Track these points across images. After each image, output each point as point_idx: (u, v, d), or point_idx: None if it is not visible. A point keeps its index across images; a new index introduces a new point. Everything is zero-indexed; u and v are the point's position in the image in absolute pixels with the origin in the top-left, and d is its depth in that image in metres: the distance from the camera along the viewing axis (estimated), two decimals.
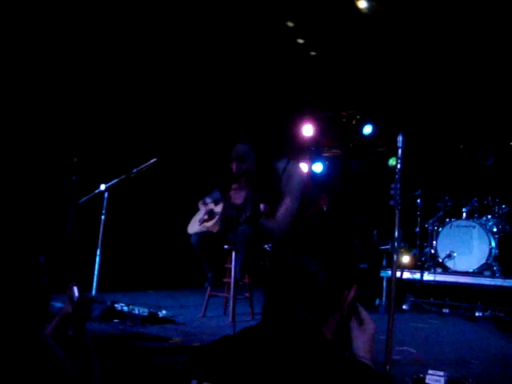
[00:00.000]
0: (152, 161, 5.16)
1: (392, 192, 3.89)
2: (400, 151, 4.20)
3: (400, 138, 4.20)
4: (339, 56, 7.25)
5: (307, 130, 8.39)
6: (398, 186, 4.01)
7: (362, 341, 1.32)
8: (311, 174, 8.45)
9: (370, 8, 5.96)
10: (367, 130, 8.04)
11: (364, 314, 1.35)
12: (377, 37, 6.50)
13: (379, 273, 6.38)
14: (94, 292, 4.82)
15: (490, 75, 6.68)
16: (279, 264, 1.18)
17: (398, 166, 4.14)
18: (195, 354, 1.17)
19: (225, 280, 5.54)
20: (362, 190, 7.98)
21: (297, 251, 1.17)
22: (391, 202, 3.97)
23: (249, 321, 4.88)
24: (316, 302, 1.15)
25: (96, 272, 4.87)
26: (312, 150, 8.61)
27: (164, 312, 4.86)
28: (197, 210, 5.66)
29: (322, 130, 8.51)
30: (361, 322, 1.34)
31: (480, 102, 7.10)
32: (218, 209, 5.53)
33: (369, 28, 6.35)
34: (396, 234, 4.04)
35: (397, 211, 3.92)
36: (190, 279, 6.59)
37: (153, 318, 4.53)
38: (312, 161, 8.53)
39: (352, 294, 1.23)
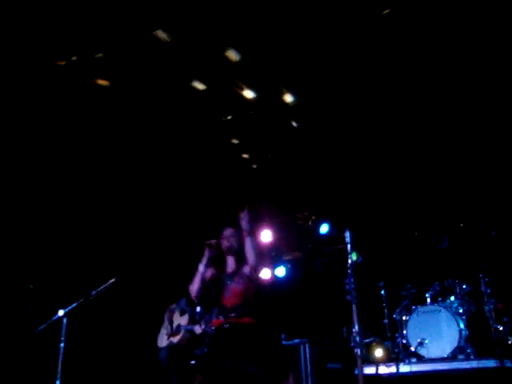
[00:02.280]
0: (110, 281, 5.08)
1: (347, 287, 3.97)
2: (349, 247, 4.34)
3: (347, 234, 4.37)
4: (287, 161, 7.57)
5: (266, 235, 8.48)
6: (352, 280, 4.09)
7: None
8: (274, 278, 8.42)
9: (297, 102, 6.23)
10: (324, 229, 8.19)
11: None
12: (316, 137, 6.86)
13: (354, 370, 6.20)
14: None
15: (431, 161, 7.06)
16: (219, 370, 1.21)
17: (349, 261, 4.26)
18: None
19: None
20: (326, 289, 7.98)
21: (234, 357, 1.21)
22: (347, 297, 4.03)
23: None
24: None
25: None
26: (273, 255, 8.65)
27: None
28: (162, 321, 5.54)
29: (280, 234, 8.62)
30: None
31: (429, 188, 7.43)
32: (184, 321, 5.44)
33: (308, 129, 6.71)
34: (356, 327, 4.05)
35: (354, 305, 3.97)
36: None
37: None
38: (274, 266, 8.54)
39: (291, 382, 1.26)
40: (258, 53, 5.29)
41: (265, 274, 8.04)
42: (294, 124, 6.45)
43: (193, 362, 5.25)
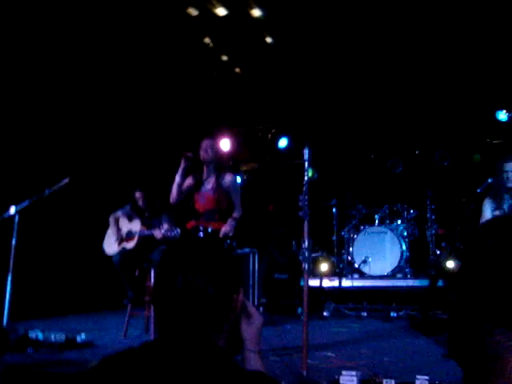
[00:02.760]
0: (63, 181, 5.01)
1: (300, 203, 4.04)
2: (306, 164, 4.37)
3: (306, 151, 4.38)
4: (253, 72, 7.41)
5: (225, 144, 8.46)
6: (306, 197, 4.16)
7: (249, 334, 1.39)
8: None
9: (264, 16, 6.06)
10: (282, 143, 8.22)
11: (251, 308, 1.42)
12: (285, 52, 6.71)
13: (299, 282, 6.52)
14: (5, 321, 4.59)
15: (396, 86, 7.06)
16: (168, 282, 1.22)
17: (305, 178, 4.31)
18: (95, 370, 1.18)
19: (145, 298, 5.48)
20: (280, 202, 8.15)
21: (184, 269, 1.21)
22: (300, 214, 4.12)
23: None
24: (208, 314, 1.20)
25: (7, 300, 4.64)
26: (230, 164, 8.68)
27: (83, 336, 4.70)
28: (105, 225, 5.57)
29: (238, 144, 8.61)
30: (248, 317, 1.40)
31: (388, 112, 7.49)
32: (135, 226, 5.47)
33: (280, 47, 6.55)
34: (306, 243, 4.19)
35: (305, 222, 4.07)
36: (111, 300, 6.44)
37: (70, 344, 4.38)
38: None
39: (240, 296, 1.29)
40: None
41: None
42: (267, 39, 6.26)
43: (146, 264, 5.38)
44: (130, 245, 5.34)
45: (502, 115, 6.26)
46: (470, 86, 6.61)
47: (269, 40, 6.46)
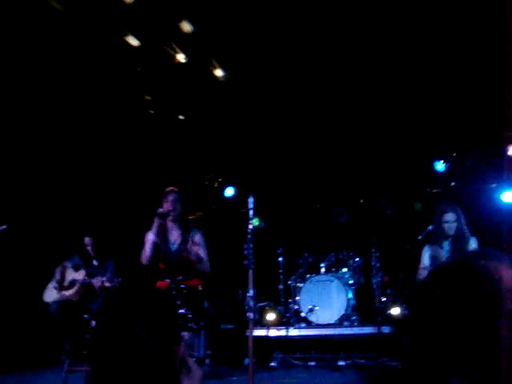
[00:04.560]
0: (1, 228, 4.80)
1: (245, 252, 4.03)
2: (251, 212, 4.39)
3: (251, 200, 4.41)
4: (199, 122, 7.47)
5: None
6: (251, 246, 4.16)
7: None
8: None
9: (226, 77, 6.26)
10: (229, 192, 8.24)
11: (190, 361, 1.38)
12: (233, 103, 6.83)
13: (246, 332, 6.39)
14: None
15: (339, 136, 7.28)
16: (107, 333, 1.17)
17: (250, 226, 4.31)
18: None
19: (85, 352, 5.20)
20: (226, 251, 8.08)
21: (124, 320, 1.17)
22: (245, 262, 4.10)
23: None
24: (148, 367, 1.15)
25: None
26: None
27: None
28: (52, 277, 5.35)
29: (185, 194, 8.56)
30: (188, 371, 1.36)
31: (333, 162, 7.68)
32: (79, 276, 5.29)
33: (225, 96, 6.66)
34: (251, 292, 4.15)
35: (250, 270, 4.05)
36: (48, 356, 6.07)
37: None
38: None
39: (181, 348, 1.25)
40: None
41: None
42: (213, 87, 6.37)
43: (86, 316, 5.15)
44: (69, 292, 5.14)
45: (440, 165, 6.55)
46: (410, 137, 6.90)
47: (215, 90, 6.57)
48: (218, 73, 6.36)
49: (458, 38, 5.48)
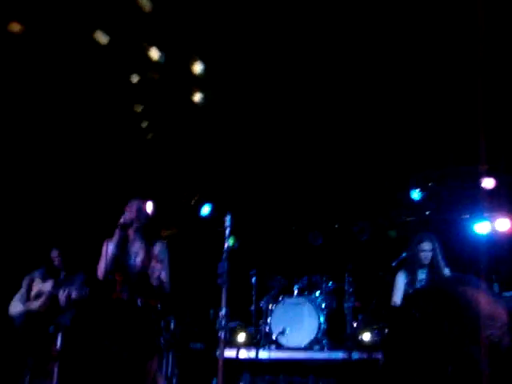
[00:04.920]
0: None
1: (219, 270, 4.00)
2: (228, 230, 4.37)
3: (228, 218, 4.40)
4: (178, 138, 7.45)
5: (148, 206, 8.30)
6: (225, 265, 4.13)
7: None
8: None
9: (203, 100, 6.23)
10: (205, 210, 8.20)
11: (160, 379, 1.34)
12: (212, 122, 6.83)
13: (215, 352, 6.31)
14: None
15: (316, 160, 7.32)
16: (79, 347, 1.13)
17: (226, 245, 4.29)
18: None
19: (48, 367, 5.06)
20: (199, 269, 8.01)
21: (97, 334, 1.14)
22: (218, 281, 4.07)
23: None
24: (120, 380, 1.12)
25: None
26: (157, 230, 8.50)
27: None
28: (17, 289, 5.21)
29: (160, 210, 8.48)
30: None
31: (309, 185, 7.72)
32: (46, 287, 5.16)
33: (203, 118, 6.66)
34: (223, 311, 4.11)
35: (224, 289, 4.02)
36: (8, 371, 5.88)
37: None
38: None
39: (154, 363, 1.21)
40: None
41: None
42: (196, 101, 6.36)
43: (51, 328, 5.02)
44: (35, 304, 5.00)
45: (415, 194, 6.64)
46: (387, 164, 6.98)
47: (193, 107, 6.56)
48: (196, 97, 6.29)
49: (435, 69, 5.60)
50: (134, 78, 5.79)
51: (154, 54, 5.45)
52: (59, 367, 4.16)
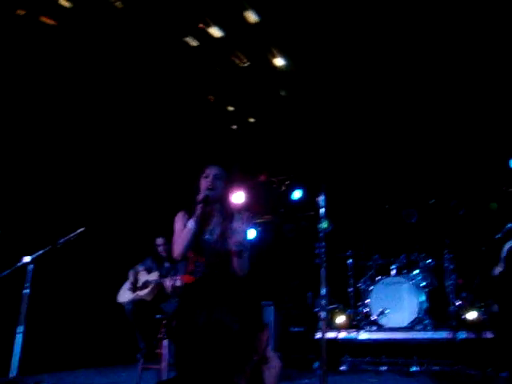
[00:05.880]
0: (79, 231, 5.02)
1: (317, 250, 3.97)
2: (322, 211, 4.34)
3: (322, 198, 4.37)
4: (267, 123, 7.52)
5: (238, 197, 8.49)
6: (323, 244, 4.10)
7: (267, 378, 1.31)
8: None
9: (287, 67, 6.18)
10: (297, 194, 8.23)
11: (269, 351, 1.35)
12: (299, 103, 6.82)
13: (314, 335, 6.35)
14: (14, 374, 4.49)
15: (410, 135, 7.10)
16: (191, 318, 1.16)
17: (321, 224, 4.26)
18: None
19: (158, 351, 5.36)
20: (294, 254, 8.07)
21: (208, 305, 1.16)
22: (316, 261, 4.04)
23: None
24: (231, 352, 1.14)
25: (18, 352, 4.55)
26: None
27: None
28: (125, 279, 5.54)
29: (253, 197, 8.63)
30: (266, 361, 1.33)
31: (402, 162, 7.50)
32: (152, 277, 5.45)
33: (292, 95, 6.67)
34: (323, 291, 4.09)
35: (323, 268, 3.99)
36: (123, 354, 6.31)
37: None
38: None
39: (266, 335, 1.22)
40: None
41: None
42: (281, 92, 6.40)
43: (159, 316, 5.30)
44: (143, 292, 5.30)
45: None
46: (484, 134, 6.62)
47: (283, 92, 6.59)
48: (279, 62, 6.18)
49: None
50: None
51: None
52: (174, 338, 4.38)
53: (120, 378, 5.70)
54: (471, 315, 5.88)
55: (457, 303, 6.20)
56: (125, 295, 5.39)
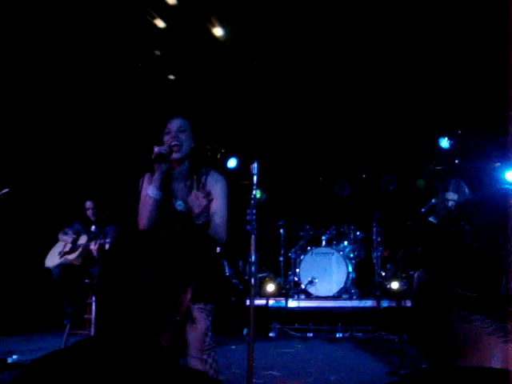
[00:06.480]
0: (3, 191, 4.79)
1: (248, 217, 3.98)
2: (255, 178, 4.35)
3: (255, 165, 4.36)
4: (202, 90, 7.40)
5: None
6: (254, 211, 4.12)
7: (193, 338, 1.32)
8: None
9: (226, 37, 6.08)
10: (231, 163, 8.21)
11: (196, 312, 1.35)
12: (235, 70, 6.75)
13: (245, 303, 6.46)
14: None
15: (344, 111, 7.21)
16: (112, 274, 1.14)
17: (254, 192, 4.27)
18: (24, 371, 1.09)
19: (86, 317, 5.28)
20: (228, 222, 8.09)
21: (130, 262, 1.14)
22: (247, 227, 4.06)
23: None
24: (152, 311, 1.13)
25: None
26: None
27: (15, 357, 4.47)
28: (55, 242, 5.38)
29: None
30: (192, 321, 1.33)
31: (336, 136, 7.63)
32: (82, 241, 5.32)
33: (227, 61, 6.57)
34: (253, 258, 4.13)
35: (253, 236, 4.02)
36: (50, 321, 6.15)
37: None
38: None
39: (188, 296, 1.22)
40: None
41: None
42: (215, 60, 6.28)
43: (87, 280, 5.21)
44: (72, 256, 5.17)
45: (444, 142, 6.50)
46: (415, 113, 6.84)
47: (221, 59, 6.48)
48: (218, 32, 6.06)
49: (465, 15, 5.39)
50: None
51: None
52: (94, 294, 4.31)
53: (46, 344, 5.56)
54: (394, 285, 6.19)
55: (382, 274, 6.50)
56: (53, 259, 5.23)
